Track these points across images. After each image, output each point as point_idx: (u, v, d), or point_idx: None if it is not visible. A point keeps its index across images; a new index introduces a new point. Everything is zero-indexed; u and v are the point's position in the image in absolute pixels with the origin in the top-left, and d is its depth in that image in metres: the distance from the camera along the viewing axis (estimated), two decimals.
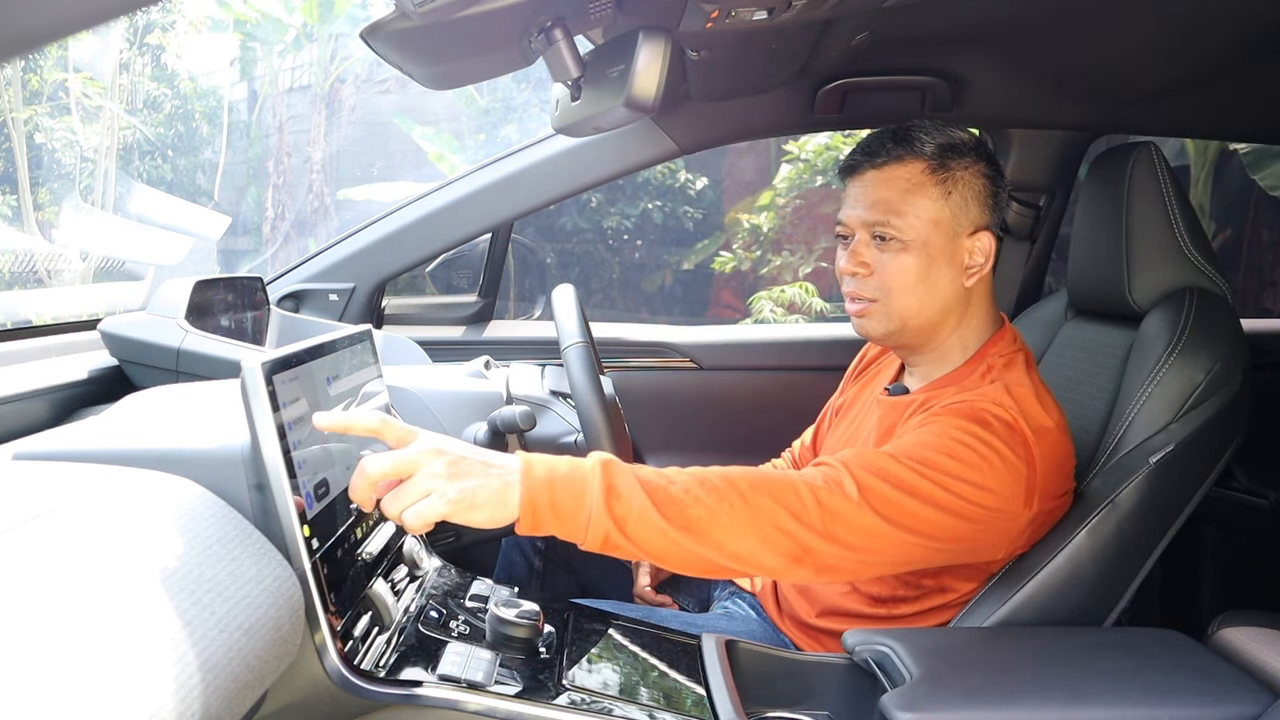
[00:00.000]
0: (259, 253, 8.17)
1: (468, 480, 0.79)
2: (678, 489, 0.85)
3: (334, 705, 0.79)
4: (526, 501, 0.80)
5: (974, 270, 1.07)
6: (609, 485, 0.83)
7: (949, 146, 1.05)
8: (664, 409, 1.93)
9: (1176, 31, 1.20)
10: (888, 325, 1.08)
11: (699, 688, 0.93)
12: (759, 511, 0.85)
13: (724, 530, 0.84)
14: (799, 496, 0.87)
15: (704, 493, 0.85)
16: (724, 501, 0.85)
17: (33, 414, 1.22)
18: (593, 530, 0.82)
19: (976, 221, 1.06)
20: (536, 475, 0.81)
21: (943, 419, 0.97)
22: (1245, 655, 1.01)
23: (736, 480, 0.87)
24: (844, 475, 0.90)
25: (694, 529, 0.84)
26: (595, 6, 0.95)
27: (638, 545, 0.83)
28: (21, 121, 5.67)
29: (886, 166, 1.06)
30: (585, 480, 0.83)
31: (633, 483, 0.84)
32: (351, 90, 8.18)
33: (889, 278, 1.06)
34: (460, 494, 0.78)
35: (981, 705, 0.86)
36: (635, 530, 0.82)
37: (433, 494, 0.77)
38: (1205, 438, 1.07)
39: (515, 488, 0.80)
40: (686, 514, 0.83)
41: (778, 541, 0.86)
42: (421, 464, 0.78)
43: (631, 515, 0.82)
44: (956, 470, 0.92)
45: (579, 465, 0.84)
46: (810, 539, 0.86)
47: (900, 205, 1.04)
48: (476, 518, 0.79)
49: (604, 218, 6.59)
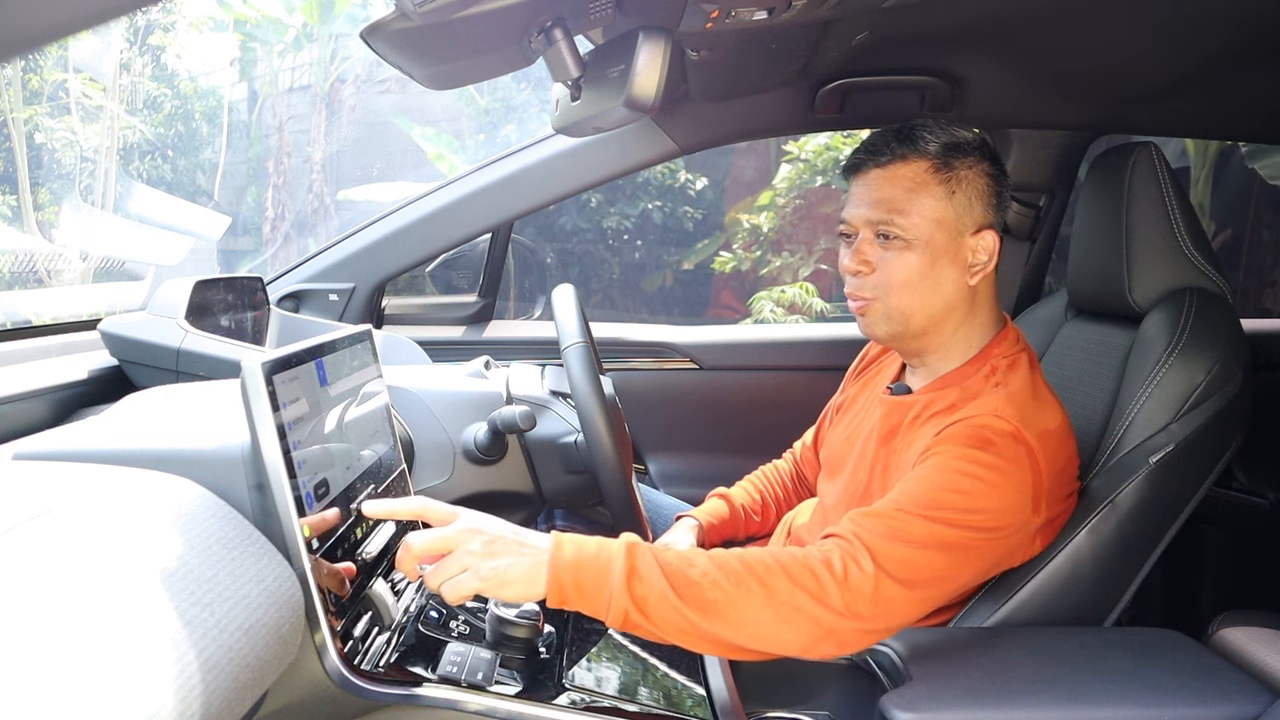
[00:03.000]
0: (259, 253, 8.16)
1: (500, 560, 0.83)
2: (696, 572, 0.86)
3: (334, 705, 0.79)
4: (553, 581, 0.84)
5: (977, 269, 1.07)
6: (631, 567, 0.85)
7: (953, 146, 1.05)
8: (664, 409, 1.93)
9: (1176, 31, 1.20)
10: (890, 324, 1.08)
11: (699, 688, 0.93)
12: (777, 594, 0.86)
13: (741, 613, 0.85)
14: (818, 579, 0.87)
15: (721, 576, 0.86)
16: (741, 585, 0.86)
17: (33, 414, 1.22)
18: (614, 609, 0.84)
19: (980, 220, 1.06)
20: (564, 557, 0.85)
21: (944, 448, 0.97)
22: (1245, 655, 1.01)
23: (754, 564, 0.87)
24: (859, 550, 0.89)
25: (711, 612, 0.85)
26: (595, 6, 0.95)
27: (656, 625, 0.85)
28: (21, 121, 5.67)
29: (890, 165, 1.06)
30: (609, 562, 0.85)
31: (653, 565, 0.86)
32: (351, 90, 8.17)
33: (891, 275, 1.06)
34: (493, 572, 0.83)
35: (981, 705, 0.86)
36: (655, 611, 0.85)
37: (468, 570, 0.83)
38: (1205, 438, 1.07)
39: (544, 567, 0.84)
40: (704, 597, 0.85)
41: (798, 624, 0.86)
42: (460, 543, 0.84)
43: (651, 596, 0.84)
44: (966, 504, 0.92)
45: (605, 546, 0.87)
46: (833, 620, 0.87)
47: (904, 204, 1.04)
48: (508, 593, 0.84)
49: (604, 218, 6.58)
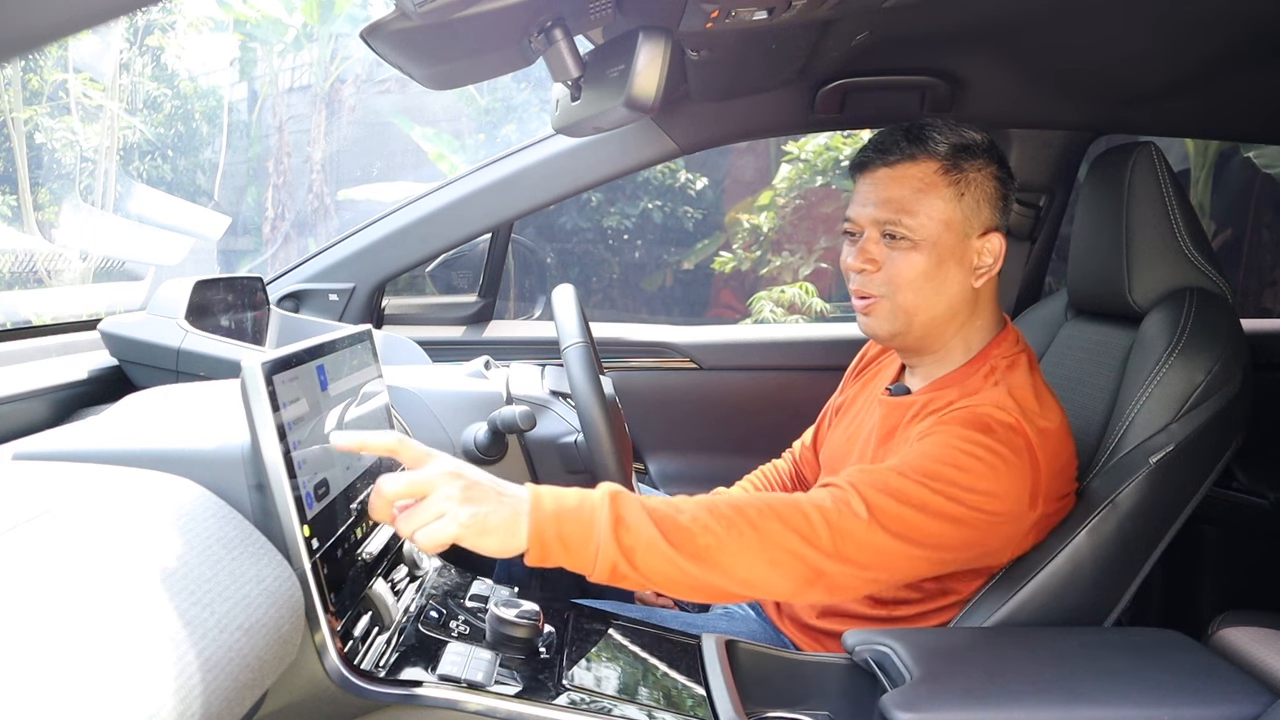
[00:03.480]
0: (259, 253, 8.16)
1: (480, 505, 0.79)
2: (685, 518, 0.85)
3: (334, 705, 0.79)
4: (535, 534, 0.81)
5: (982, 271, 1.06)
6: (617, 516, 0.83)
7: (962, 147, 1.05)
8: (664, 409, 1.93)
9: (1176, 31, 1.20)
10: (893, 323, 1.08)
11: (699, 688, 0.93)
12: (768, 537, 0.85)
13: (733, 557, 0.84)
14: (808, 520, 0.87)
15: (712, 520, 0.85)
16: (732, 529, 0.85)
17: (33, 414, 1.22)
18: (601, 562, 0.82)
19: (987, 223, 1.06)
20: (545, 509, 0.82)
21: (945, 428, 0.97)
22: (1245, 655, 1.01)
23: (744, 507, 0.87)
24: (851, 495, 0.89)
25: (703, 557, 0.84)
26: (595, 6, 0.95)
27: (645, 575, 0.83)
28: (21, 121, 5.67)
29: (899, 165, 1.05)
30: (593, 512, 0.83)
31: (640, 513, 0.84)
32: (351, 90, 8.17)
33: (897, 274, 1.05)
34: (473, 518, 0.78)
35: (981, 705, 0.86)
36: (644, 560, 0.83)
37: (446, 516, 0.78)
38: (1205, 438, 1.07)
39: (524, 518, 0.81)
40: (695, 542, 0.83)
41: (788, 566, 0.86)
42: (436, 486, 0.79)
43: (640, 545, 0.82)
44: (962, 480, 0.92)
45: (587, 497, 0.84)
46: (822, 561, 0.86)
47: (912, 204, 1.03)
48: (487, 543, 0.80)
49: (604, 218, 6.58)
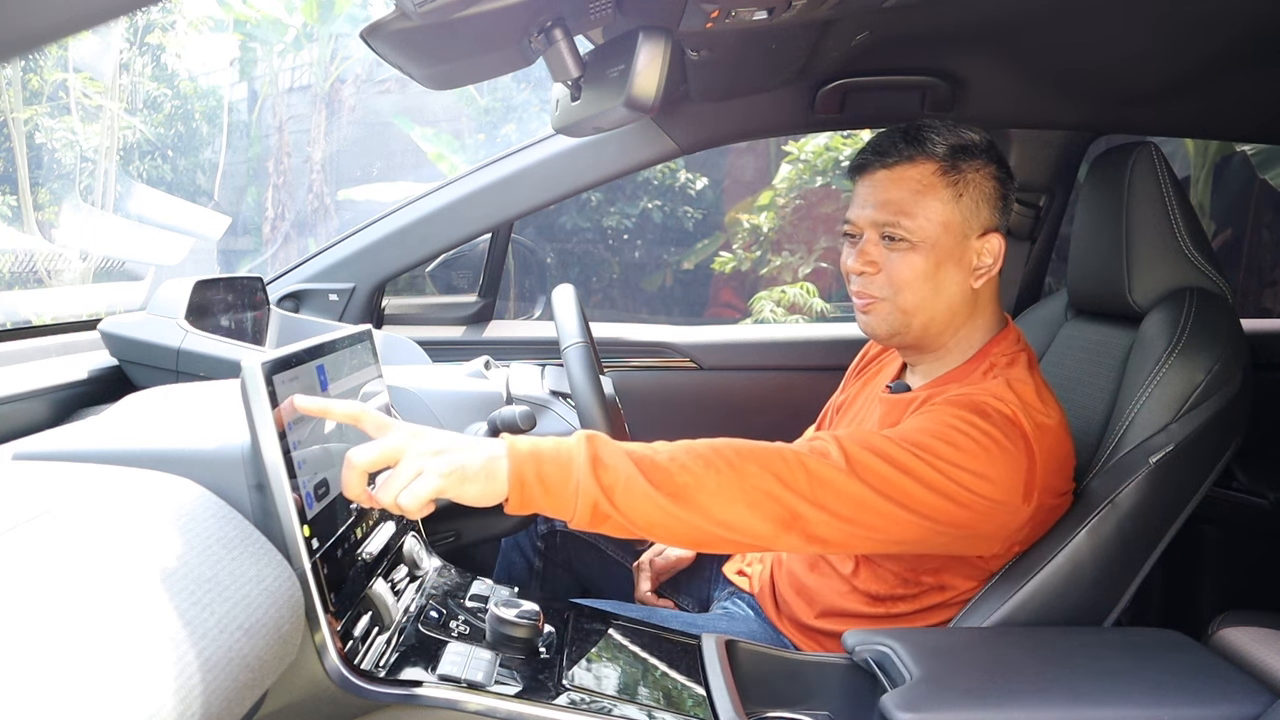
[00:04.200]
0: (259, 253, 8.16)
1: (456, 454, 0.78)
2: (663, 458, 0.85)
3: (334, 705, 0.79)
4: (514, 475, 0.80)
5: (982, 272, 1.06)
6: (594, 455, 0.83)
7: (960, 148, 1.05)
8: (664, 409, 1.93)
9: (1176, 31, 1.20)
10: (893, 324, 1.08)
11: (699, 688, 0.93)
12: (746, 477, 0.86)
13: (711, 496, 0.84)
14: (786, 463, 0.87)
15: (690, 460, 0.85)
16: (710, 468, 0.85)
17: (33, 414, 1.22)
18: (581, 501, 0.82)
19: (986, 223, 1.06)
20: (521, 450, 0.82)
21: (941, 408, 0.98)
22: (1245, 655, 1.01)
23: (723, 448, 0.87)
24: (831, 445, 0.90)
25: (682, 495, 0.84)
26: (595, 6, 0.95)
27: (627, 516, 0.83)
28: (21, 121, 5.67)
29: (898, 166, 1.05)
30: (571, 452, 0.83)
31: (619, 452, 0.84)
32: (351, 90, 8.17)
33: (897, 276, 1.05)
34: (450, 466, 0.77)
35: (981, 705, 0.86)
36: (624, 499, 0.82)
37: (424, 472, 0.77)
38: (1205, 438, 1.07)
39: (502, 461, 0.80)
40: (674, 480, 0.84)
41: (765, 507, 0.86)
42: (408, 447, 0.78)
43: (619, 484, 0.82)
44: (952, 456, 0.92)
45: (563, 440, 0.85)
46: (798, 504, 0.87)
47: (910, 206, 1.03)
48: (469, 491, 0.78)
49: (604, 217, 6.58)
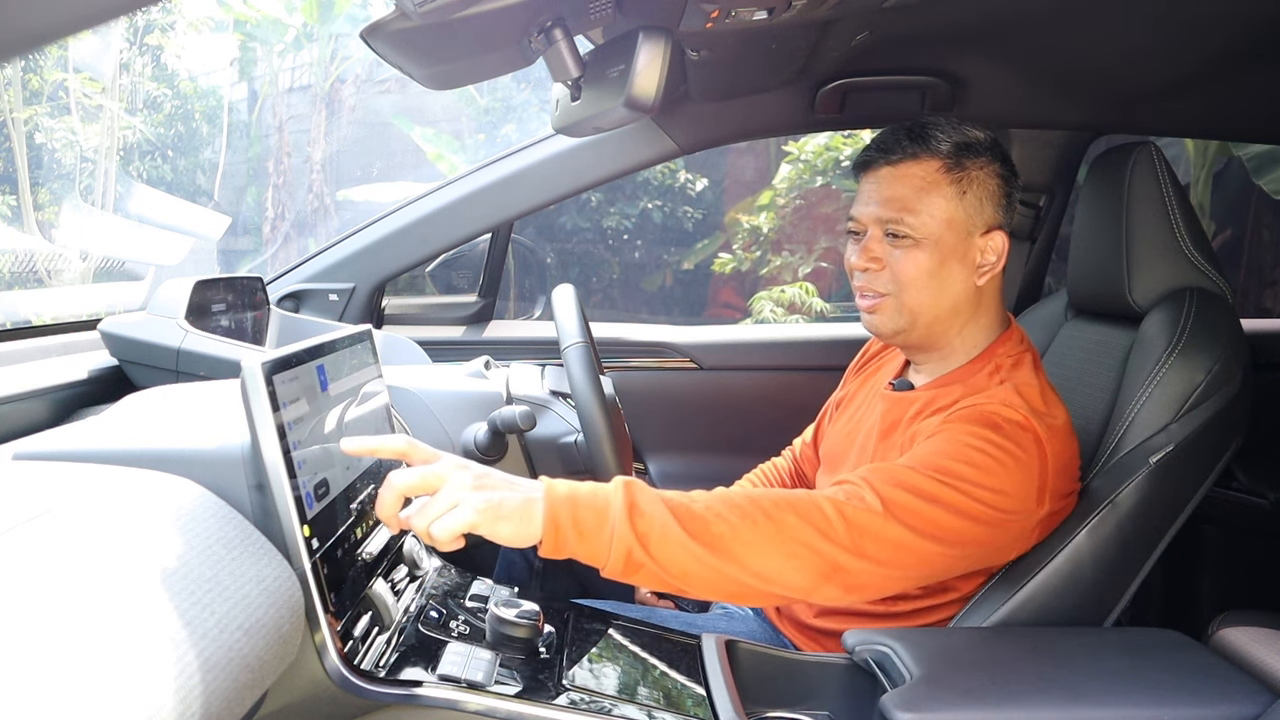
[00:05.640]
0: (259, 253, 8.16)
1: (494, 492, 0.79)
2: (700, 506, 0.84)
3: (334, 705, 0.79)
4: (549, 518, 0.80)
5: (985, 269, 1.07)
6: (631, 502, 0.82)
7: (965, 145, 1.05)
8: (664, 409, 1.93)
9: (1176, 31, 1.20)
10: (898, 321, 1.08)
11: (699, 688, 0.93)
12: (784, 528, 0.84)
13: (748, 546, 0.83)
14: (823, 513, 0.86)
15: (727, 509, 0.84)
16: (747, 518, 0.84)
17: (33, 414, 1.22)
18: (616, 548, 0.81)
19: (990, 221, 1.06)
20: (558, 494, 0.81)
21: (955, 426, 0.97)
22: (1245, 655, 1.01)
23: (760, 498, 0.86)
24: (865, 489, 0.89)
25: (718, 546, 0.82)
26: (595, 6, 0.95)
27: (661, 565, 0.82)
28: (21, 121, 5.67)
29: (902, 164, 1.05)
30: (608, 498, 0.82)
31: (655, 500, 0.83)
32: (351, 90, 8.17)
33: (901, 273, 1.05)
34: (486, 504, 0.77)
35: (981, 705, 0.86)
36: (659, 548, 0.81)
37: (460, 505, 0.77)
38: (1205, 438, 1.07)
39: (539, 504, 0.80)
40: (710, 530, 0.82)
41: (805, 559, 0.85)
42: (447, 477, 0.78)
43: (654, 531, 0.81)
44: (974, 476, 0.92)
45: (600, 486, 0.84)
46: (839, 555, 0.85)
47: (914, 203, 1.04)
48: (503, 530, 0.78)
49: (604, 218, 6.58)
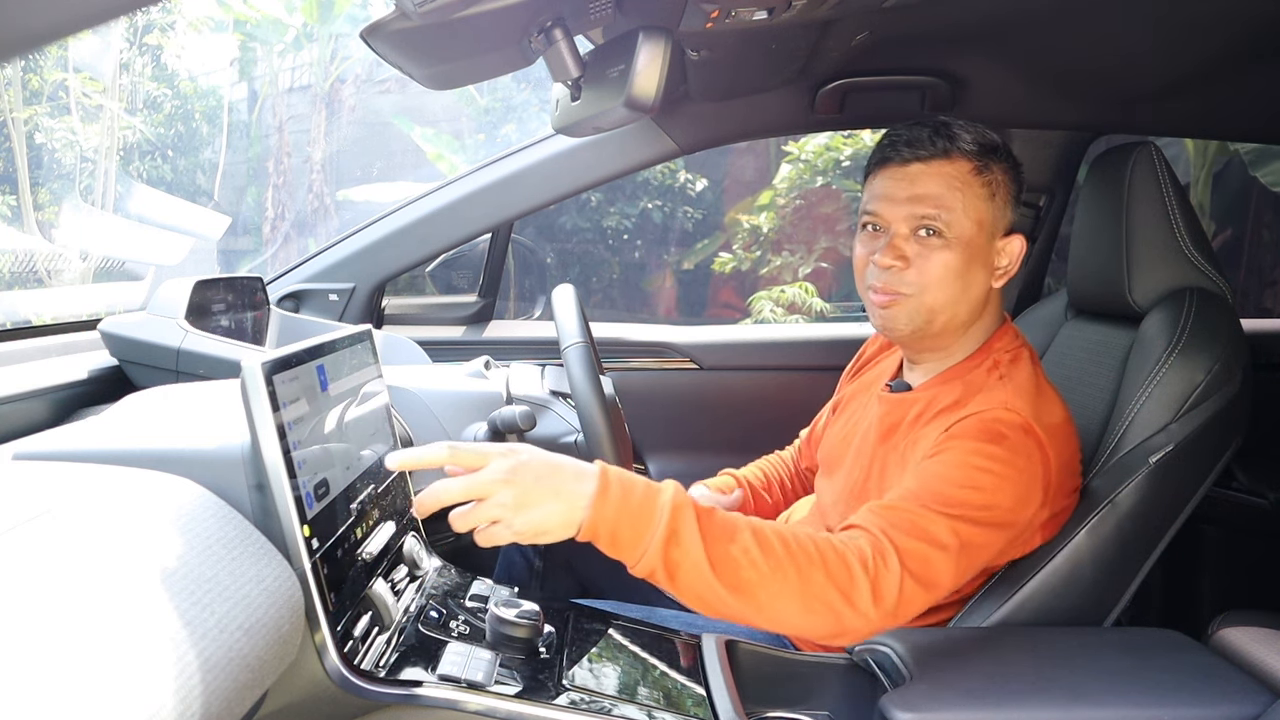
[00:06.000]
0: (259, 253, 8.16)
1: (534, 511, 0.80)
2: (736, 549, 0.85)
3: (334, 705, 0.79)
4: (589, 528, 0.82)
5: (1001, 272, 1.07)
6: (672, 531, 0.83)
7: (989, 147, 1.05)
8: (664, 409, 1.93)
9: (1176, 31, 1.20)
10: (915, 321, 1.06)
11: (699, 688, 0.93)
12: (810, 585, 0.86)
13: (771, 597, 0.85)
14: (851, 577, 0.87)
15: (761, 555, 0.85)
16: (778, 570, 0.85)
17: (33, 414, 1.22)
18: (642, 566, 0.84)
19: (1008, 224, 1.07)
20: (608, 505, 0.82)
21: (959, 443, 0.97)
22: (1245, 655, 1.01)
23: (794, 549, 0.86)
24: (888, 549, 0.89)
25: (742, 590, 0.84)
26: (595, 6, 0.95)
27: (679, 590, 0.84)
28: (21, 121, 5.67)
29: (934, 161, 1.04)
30: (652, 519, 0.83)
31: (694, 534, 0.84)
32: (351, 90, 8.17)
33: (928, 273, 1.04)
34: (526, 524, 0.80)
35: (981, 705, 0.86)
36: (684, 579, 0.84)
37: (500, 523, 0.80)
38: (1205, 438, 1.07)
39: (581, 513, 0.82)
40: (739, 575, 0.84)
41: (822, 615, 0.87)
42: (491, 493, 0.80)
43: (684, 564, 0.83)
44: (982, 500, 0.93)
45: (650, 501, 0.84)
46: (855, 619, 0.87)
47: (951, 201, 1.03)
48: (542, 542, 0.82)
49: (604, 218, 6.58)
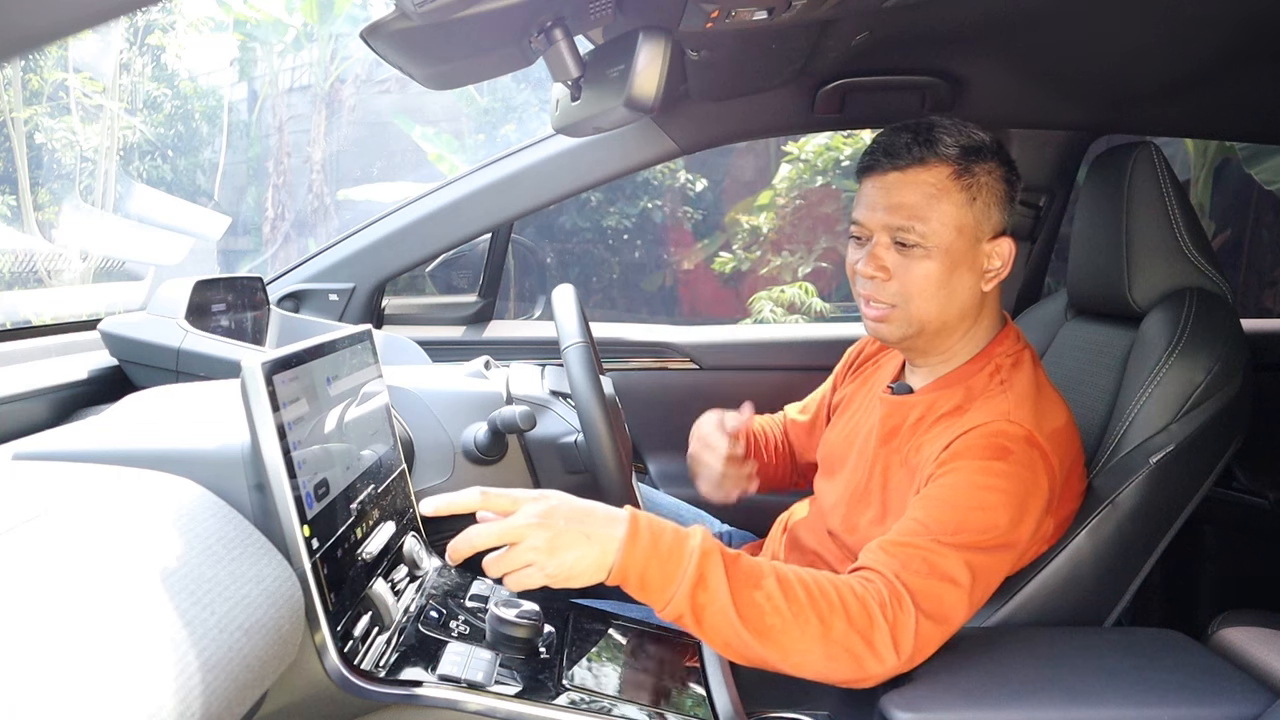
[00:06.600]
0: (259, 253, 8.16)
1: (566, 554, 0.82)
2: (761, 595, 0.86)
3: (334, 705, 0.79)
4: (619, 572, 0.84)
5: (992, 275, 1.05)
6: (700, 575, 0.84)
7: (972, 149, 1.02)
8: (664, 409, 1.93)
9: (1176, 31, 1.20)
10: (905, 330, 1.06)
11: (699, 688, 0.93)
12: (831, 633, 0.86)
13: (794, 642, 0.86)
14: (873, 622, 0.87)
15: (784, 603, 0.86)
16: (800, 617, 0.85)
17: (33, 414, 1.22)
18: (670, 610, 0.85)
19: (997, 226, 1.04)
20: (637, 550, 0.84)
21: (963, 463, 0.96)
22: (1245, 655, 1.01)
23: (817, 597, 0.87)
24: (904, 595, 0.89)
25: (766, 636, 0.85)
26: (595, 6, 0.95)
27: (705, 634, 0.86)
28: (21, 121, 5.67)
29: (910, 169, 1.02)
30: (680, 564, 0.84)
31: (721, 579, 0.85)
32: (351, 90, 8.18)
33: (910, 284, 1.03)
34: (558, 569, 0.82)
35: (981, 705, 0.86)
36: (710, 622, 0.85)
37: (532, 567, 0.82)
38: (1205, 438, 1.07)
39: (612, 557, 0.83)
40: (763, 620, 0.85)
41: (842, 662, 0.87)
42: (524, 538, 0.82)
43: (711, 607, 0.84)
44: (989, 521, 0.93)
45: (679, 546, 0.85)
46: (875, 666, 0.88)
47: (925, 210, 1.01)
48: (574, 584, 0.83)
49: (604, 218, 6.57)
